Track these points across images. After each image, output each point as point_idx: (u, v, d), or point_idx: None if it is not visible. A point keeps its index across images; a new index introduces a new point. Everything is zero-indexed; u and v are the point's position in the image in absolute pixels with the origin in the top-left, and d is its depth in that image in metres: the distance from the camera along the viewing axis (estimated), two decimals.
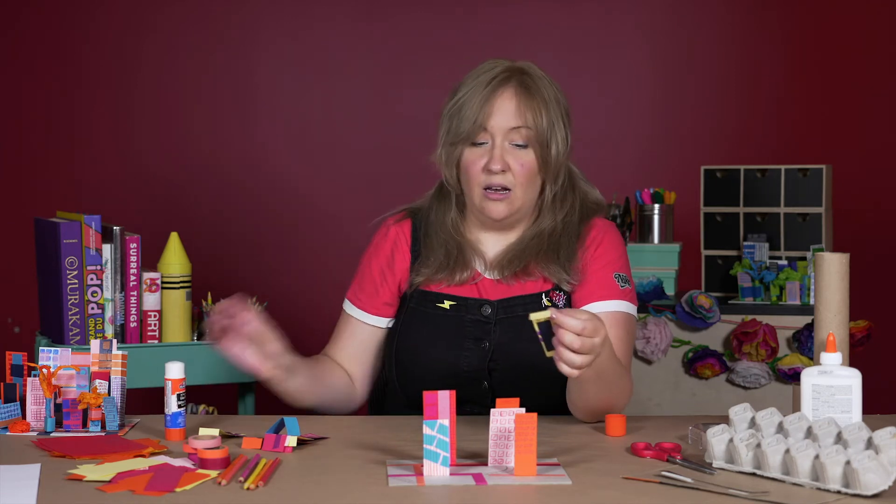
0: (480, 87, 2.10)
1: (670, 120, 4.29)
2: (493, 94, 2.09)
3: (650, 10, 4.29)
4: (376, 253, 2.23)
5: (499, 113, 2.09)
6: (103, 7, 4.27)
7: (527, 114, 2.09)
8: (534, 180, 2.12)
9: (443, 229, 2.18)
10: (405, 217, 2.23)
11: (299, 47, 4.30)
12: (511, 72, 2.12)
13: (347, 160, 4.29)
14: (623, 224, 3.55)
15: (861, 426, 1.70)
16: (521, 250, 2.14)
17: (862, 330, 3.34)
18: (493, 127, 2.08)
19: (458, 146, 2.12)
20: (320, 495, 1.64)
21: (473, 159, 2.10)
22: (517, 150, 2.09)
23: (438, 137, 2.15)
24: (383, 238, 2.23)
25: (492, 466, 1.76)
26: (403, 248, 2.20)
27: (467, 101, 2.10)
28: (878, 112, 4.22)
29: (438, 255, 2.15)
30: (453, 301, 2.13)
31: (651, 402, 3.36)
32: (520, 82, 2.11)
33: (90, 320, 2.85)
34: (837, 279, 2.00)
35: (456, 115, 2.11)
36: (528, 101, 2.09)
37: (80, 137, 4.26)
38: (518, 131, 2.08)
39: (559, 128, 2.12)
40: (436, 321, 2.13)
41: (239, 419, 2.17)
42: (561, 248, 2.13)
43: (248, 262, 4.27)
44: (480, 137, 2.09)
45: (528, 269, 2.13)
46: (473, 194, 2.12)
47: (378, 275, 2.21)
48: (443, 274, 2.14)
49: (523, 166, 2.09)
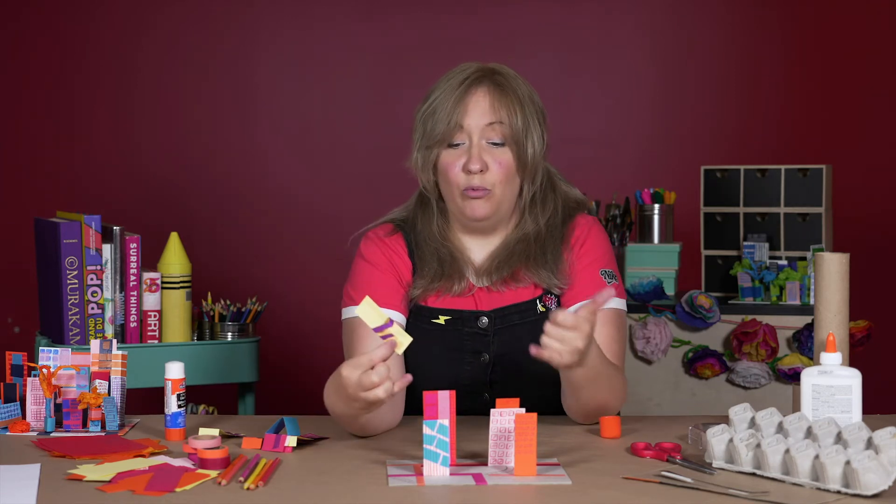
0: (453, 88, 2.08)
1: (670, 120, 4.29)
2: (467, 93, 2.07)
3: (650, 10, 4.29)
4: (374, 259, 2.14)
5: (473, 111, 2.07)
6: (103, 7, 4.27)
7: (501, 111, 2.07)
8: (512, 179, 2.09)
9: (432, 238, 2.13)
10: (394, 231, 2.17)
11: (299, 47, 4.30)
12: (483, 72, 2.10)
13: (347, 160, 4.29)
14: (623, 224, 3.55)
15: (861, 426, 1.70)
16: (508, 255, 2.11)
17: (862, 330, 3.34)
18: (468, 125, 2.06)
19: (434, 149, 2.09)
20: (320, 495, 1.64)
21: (451, 161, 2.07)
22: (494, 148, 2.07)
23: (413, 143, 2.12)
24: (376, 247, 2.15)
25: (492, 466, 1.76)
26: (403, 257, 2.14)
27: (441, 103, 2.07)
28: (878, 112, 4.22)
29: (433, 266, 2.11)
30: (448, 315, 2.11)
31: (651, 402, 3.36)
32: (493, 81, 2.09)
33: (90, 320, 2.85)
34: (837, 279, 2.00)
35: (430, 118, 2.08)
36: (502, 98, 2.07)
37: (80, 137, 4.26)
38: (493, 127, 2.06)
39: (534, 126, 2.09)
40: (433, 337, 2.10)
41: (239, 419, 2.17)
42: (547, 251, 2.11)
43: (248, 262, 4.27)
44: (457, 138, 2.07)
45: (518, 276, 2.11)
46: (454, 196, 2.09)
47: (388, 274, 2.13)
48: (439, 283, 2.10)
49: (501, 165, 2.07)
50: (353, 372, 1.81)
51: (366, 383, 1.80)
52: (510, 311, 2.10)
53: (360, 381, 1.80)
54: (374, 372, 1.80)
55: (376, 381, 1.80)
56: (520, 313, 2.10)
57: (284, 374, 4.13)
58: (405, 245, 2.15)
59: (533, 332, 2.07)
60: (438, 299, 2.12)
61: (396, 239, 2.15)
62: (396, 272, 2.13)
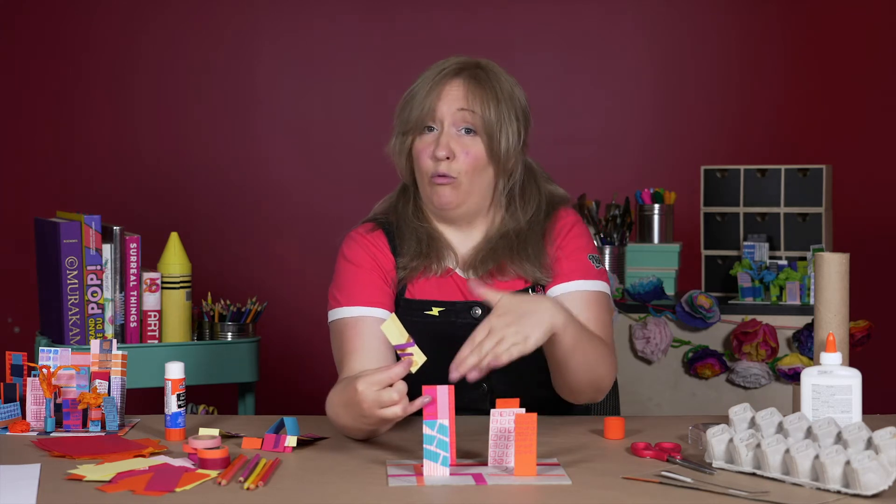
0: (432, 76, 2.10)
1: (670, 120, 4.29)
2: (443, 81, 2.09)
3: (650, 10, 4.29)
4: (356, 258, 2.13)
5: (447, 97, 2.08)
6: (103, 7, 4.27)
7: (474, 101, 2.07)
8: (482, 171, 2.09)
9: (408, 221, 2.15)
10: (375, 228, 2.17)
11: (299, 47, 4.30)
12: (465, 65, 2.12)
13: (347, 160, 4.29)
14: (623, 224, 3.55)
15: (861, 426, 1.70)
16: (491, 250, 2.12)
17: (862, 330, 3.35)
18: (441, 111, 2.07)
19: (409, 135, 2.11)
20: (320, 495, 1.64)
21: (422, 148, 2.09)
22: (464, 136, 2.07)
23: (392, 130, 2.15)
24: (358, 245, 2.15)
25: (492, 466, 1.76)
26: (386, 252, 2.14)
27: (418, 91, 2.10)
28: (879, 112, 4.22)
29: (412, 245, 2.13)
30: (441, 307, 2.11)
31: (651, 402, 3.36)
32: (471, 74, 2.10)
33: (90, 320, 2.85)
34: (837, 279, 2.00)
35: (407, 105, 2.11)
36: (478, 90, 2.08)
37: (80, 137, 4.26)
38: (464, 115, 2.06)
39: (510, 121, 2.09)
40: (426, 329, 2.10)
41: (239, 419, 2.17)
42: (529, 246, 2.11)
43: (248, 262, 4.27)
44: (429, 122, 2.08)
45: (503, 269, 2.11)
46: (424, 183, 2.10)
47: (372, 272, 2.13)
48: (418, 261, 2.11)
49: (469, 154, 2.07)
50: (370, 388, 1.78)
51: (385, 400, 1.77)
52: None
53: (378, 399, 1.78)
54: (394, 389, 1.78)
55: (396, 398, 1.77)
56: None
57: (284, 374, 4.13)
58: (387, 241, 2.15)
59: None
60: (426, 288, 2.11)
61: (378, 235, 2.16)
62: (380, 269, 2.13)
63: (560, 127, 4.24)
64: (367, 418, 1.82)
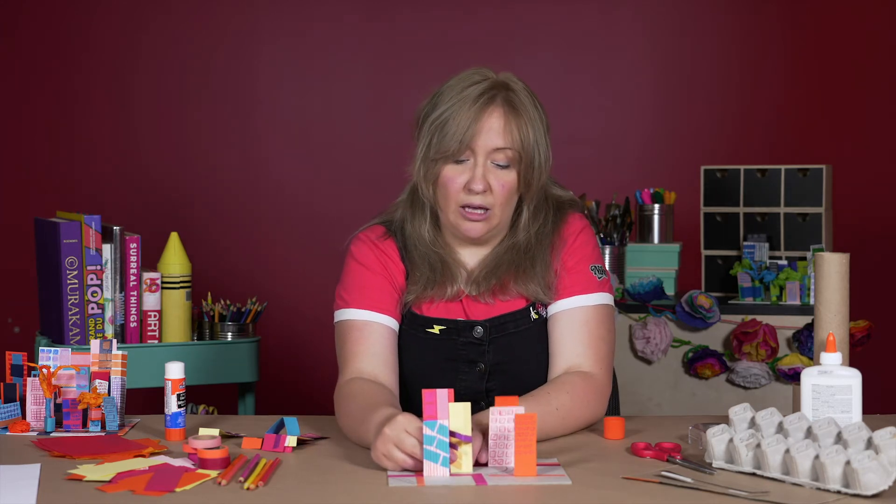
0: (466, 103, 2.03)
1: (670, 120, 4.30)
2: (481, 113, 2.02)
3: (650, 10, 4.29)
4: (366, 261, 2.11)
5: (485, 132, 2.02)
6: (103, 7, 4.27)
7: (513, 133, 2.02)
8: (512, 199, 2.07)
9: (421, 243, 2.11)
10: (386, 235, 2.14)
11: (299, 47, 4.30)
12: (497, 88, 2.05)
13: (347, 160, 4.29)
14: (623, 224, 3.55)
15: (861, 426, 1.70)
16: (496, 265, 2.09)
17: (862, 330, 3.35)
18: (478, 146, 2.02)
19: (439, 162, 2.05)
20: (320, 495, 1.64)
21: (453, 176, 2.04)
22: (498, 169, 2.04)
23: (416, 149, 2.07)
24: (369, 249, 2.12)
25: (492, 466, 1.76)
26: (396, 261, 2.12)
27: (451, 118, 2.02)
28: (879, 112, 4.22)
29: (425, 272, 2.09)
30: (443, 325, 2.09)
31: (651, 402, 3.36)
32: (506, 99, 2.04)
33: (90, 320, 2.85)
34: (837, 279, 2.00)
35: (439, 131, 2.03)
36: (516, 119, 2.03)
37: (79, 137, 4.27)
38: (503, 152, 2.03)
39: (542, 145, 2.06)
40: (427, 346, 2.09)
41: (239, 419, 2.17)
42: (536, 261, 2.09)
43: (248, 262, 4.27)
44: (465, 156, 2.04)
45: (506, 288, 2.09)
46: (449, 211, 2.06)
47: (381, 277, 2.11)
48: (431, 290, 2.08)
49: (504, 186, 2.04)
50: (399, 436, 1.73)
51: (406, 447, 1.73)
52: (504, 319, 2.08)
53: (400, 441, 1.73)
54: (415, 445, 1.73)
55: (410, 462, 1.73)
56: (514, 321, 2.09)
57: (284, 374, 4.13)
58: (397, 249, 2.12)
59: (528, 340, 2.07)
60: (432, 307, 2.10)
61: (389, 244, 2.13)
62: (390, 276, 2.10)
63: (560, 127, 4.21)
64: (372, 449, 1.77)
